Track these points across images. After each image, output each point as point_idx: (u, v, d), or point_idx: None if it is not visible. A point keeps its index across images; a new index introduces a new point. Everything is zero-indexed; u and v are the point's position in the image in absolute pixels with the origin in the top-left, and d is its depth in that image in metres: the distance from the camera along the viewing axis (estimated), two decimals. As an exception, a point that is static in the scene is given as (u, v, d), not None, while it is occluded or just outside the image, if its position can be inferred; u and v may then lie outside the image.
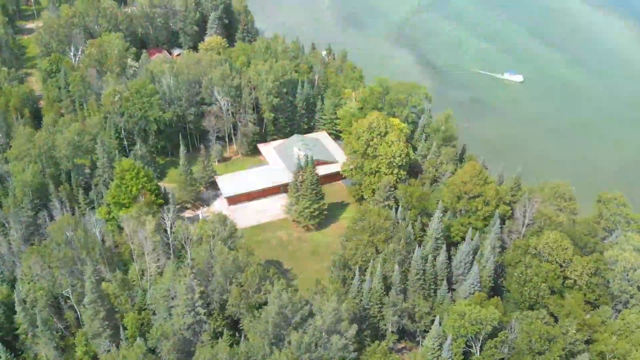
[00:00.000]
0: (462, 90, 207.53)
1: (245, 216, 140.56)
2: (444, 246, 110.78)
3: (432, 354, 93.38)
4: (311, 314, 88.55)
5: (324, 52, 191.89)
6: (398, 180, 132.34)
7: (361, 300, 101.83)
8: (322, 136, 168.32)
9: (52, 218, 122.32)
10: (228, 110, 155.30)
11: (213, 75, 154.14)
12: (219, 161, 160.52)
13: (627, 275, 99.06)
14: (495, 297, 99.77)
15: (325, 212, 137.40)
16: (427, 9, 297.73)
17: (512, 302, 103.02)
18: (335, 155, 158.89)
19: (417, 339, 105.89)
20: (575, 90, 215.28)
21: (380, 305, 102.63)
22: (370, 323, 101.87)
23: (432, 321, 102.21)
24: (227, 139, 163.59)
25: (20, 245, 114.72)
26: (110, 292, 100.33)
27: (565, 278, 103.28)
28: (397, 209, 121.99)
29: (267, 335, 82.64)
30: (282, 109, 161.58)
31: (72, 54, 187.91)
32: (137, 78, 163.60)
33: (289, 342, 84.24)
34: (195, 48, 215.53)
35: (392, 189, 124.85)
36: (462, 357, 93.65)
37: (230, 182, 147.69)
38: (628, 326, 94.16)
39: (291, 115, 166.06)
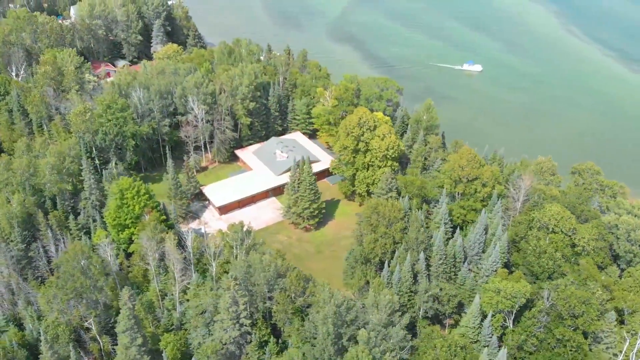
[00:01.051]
0: (423, 82, 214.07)
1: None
2: (458, 229, 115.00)
3: (473, 332, 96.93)
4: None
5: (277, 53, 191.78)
6: (392, 171, 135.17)
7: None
8: (297, 136, 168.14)
9: (44, 249, 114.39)
10: (203, 118, 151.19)
11: (186, 83, 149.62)
12: (197, 171, 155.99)
13: (629, 236, 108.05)
14: (517, 271, 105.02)
15: (324, 211, 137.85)
16: (360, 5, 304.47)
17: (528, 275, 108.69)
18: (316, 155, 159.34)
19: (444, 322, 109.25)
20: (521, 76, 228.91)
21: (409, 294, 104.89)
22: (402, 312, 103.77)
23: (460, 303, 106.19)
24: (202, 148, 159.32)
25: (19, 282, 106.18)
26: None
27: (574, 245, 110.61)
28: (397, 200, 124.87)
29: (329, 335, 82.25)
30: (258, 112, 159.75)
31: (13, 74, 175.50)
32: (99, 93, 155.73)
33: (349, 340, 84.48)
34: (140, 58, 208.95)
35: (394, 180, 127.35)
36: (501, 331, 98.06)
37: (218, 192, 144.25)
38: (637, 281, 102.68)
39: (265, 118, 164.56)
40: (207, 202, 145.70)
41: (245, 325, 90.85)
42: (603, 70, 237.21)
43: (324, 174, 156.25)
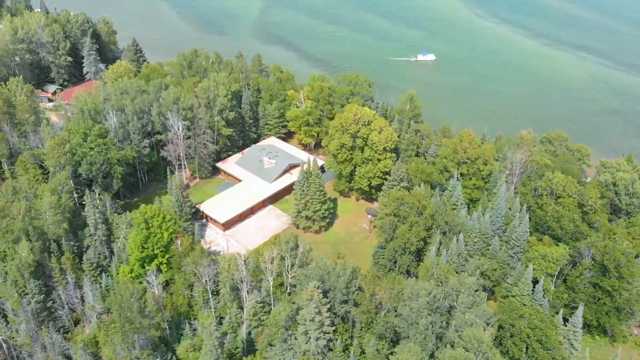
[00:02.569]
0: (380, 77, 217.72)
1: (250, 237, 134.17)
2: (479, 207, 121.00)
3: (528, 298, 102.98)
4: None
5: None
6: (393, 162, 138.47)
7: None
8: (273, 141, 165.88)
9: (59, 297, 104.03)
10: (184, 134, 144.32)
11: (163, 100, 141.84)
12: (186, 188, 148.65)
13: (628, 190, 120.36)
14: (545, 237, 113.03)
15: (332, 211, 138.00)
16: (276, 6, 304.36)
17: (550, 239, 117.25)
18: (299, 157, 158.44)
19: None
20: (455, 61, 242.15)
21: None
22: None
23: (504, 273, 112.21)
24: (183, 165, 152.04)
25: (53, 334, 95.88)
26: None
27: (581, 206, 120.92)
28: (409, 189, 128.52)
29: (431, 327, 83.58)
30: (235, 122, 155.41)
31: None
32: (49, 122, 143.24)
33: (441, 327, 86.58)
34: (70, 81, 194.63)
35: (404, 170, 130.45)
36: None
37: (216, 208, 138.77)
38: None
39: (241, 127, 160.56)
40: (204, 220, 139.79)
41: (329, 333, 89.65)
42: (518, 46, 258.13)
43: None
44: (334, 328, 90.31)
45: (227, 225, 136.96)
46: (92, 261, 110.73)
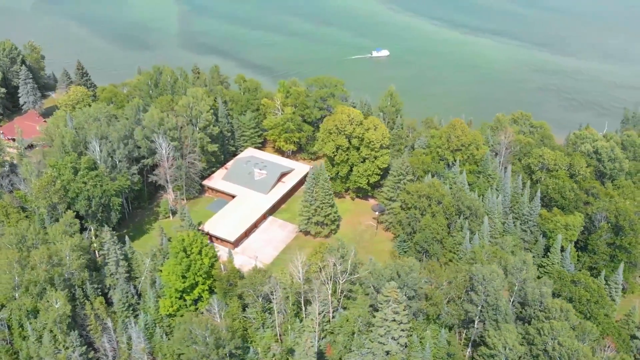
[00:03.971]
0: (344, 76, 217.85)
1: (260, 251, 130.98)
2: (476, 189, 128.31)
3: (559, 265, 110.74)
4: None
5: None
6: (390, 157, 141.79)
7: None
8: (252, 152, 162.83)
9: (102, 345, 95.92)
10: (172, 155, 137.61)
11: (147, 123, 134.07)
12: (173, 212, 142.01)
13: (610, 156, 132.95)
14: (555, 208, 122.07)
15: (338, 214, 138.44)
16: (194, 15, 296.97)
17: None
18: (285, 164, 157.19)
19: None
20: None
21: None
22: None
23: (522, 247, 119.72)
24: (168, 188, 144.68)
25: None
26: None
27: (572, 176, 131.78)
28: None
29: (508, 305, 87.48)
30: (217, 137, 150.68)
31: None
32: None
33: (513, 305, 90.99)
34: (4, 114, 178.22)
35: (407, 164, 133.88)
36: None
37: (221, 227, 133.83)
38: (629, 188, 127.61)
39: (221, 141, 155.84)
40: (209, 240, 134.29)
41: (406, 330, 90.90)
42: (441, 37, 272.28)
43: (302, 180, 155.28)
44: (410, 325, 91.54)
45: (236, 243, 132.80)
46: (123, 301, 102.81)
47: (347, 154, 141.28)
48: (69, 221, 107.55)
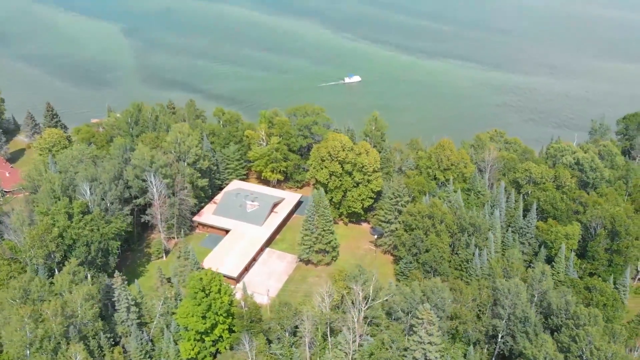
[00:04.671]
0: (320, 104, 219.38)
1: (264, 284, 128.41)
2: (485, 205, 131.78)
3: (563, 272, 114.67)
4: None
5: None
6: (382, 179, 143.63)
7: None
8: (238, 184, 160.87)
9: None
10: (164, 193, 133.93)
11: (137, 161, 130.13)
12: (166, 252, 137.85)
13: (591, 166, 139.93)
14: (549, 219, 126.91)
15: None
16: (147, 49, 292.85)
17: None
18: (274, 194, 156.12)
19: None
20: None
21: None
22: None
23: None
24: (160, 227, 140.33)
25: None
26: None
27: (559, 187, 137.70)
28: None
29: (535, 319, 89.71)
30: (206, 171, 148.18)
31: None
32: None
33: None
34: None
35: (404, 185, 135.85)
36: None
37: (221, 263, 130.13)
38: (612, 195, 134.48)
39: (209, 175, 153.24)
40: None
41: (440, 350, 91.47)
42: (400, 62, 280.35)
43: (293, 209, 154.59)
44: (443, 345, 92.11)
45: (239, 278, 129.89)
46: (140, 349, 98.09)
47: (340, 180, 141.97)
48: (74, 269, 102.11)
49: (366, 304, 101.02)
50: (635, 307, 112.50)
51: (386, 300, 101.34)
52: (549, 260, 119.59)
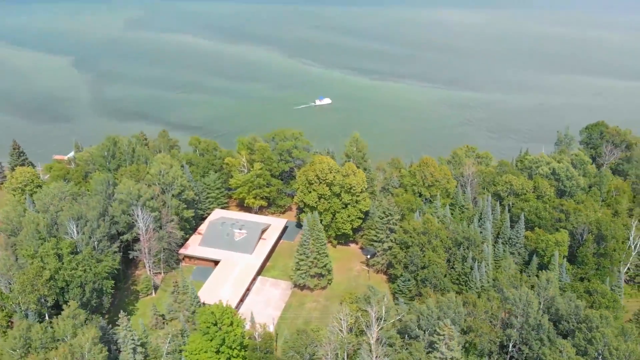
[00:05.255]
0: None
1: (262, 313, 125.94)
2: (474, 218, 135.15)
3: (557, 278, 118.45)
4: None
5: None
6: (370, 199, 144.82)
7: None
8: (221, 213, 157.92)
9: None
10: (152, 227, 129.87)
11: (123, 196, 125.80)
12: (155, 288, 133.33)
13: (567, 175, 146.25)
14: (536, 228, 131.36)
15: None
16: (102, 82, 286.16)
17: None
18: (260, 220, 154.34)
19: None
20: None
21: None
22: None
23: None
24: (147, 263, 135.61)
25: None
26: None
27: (539, 197, 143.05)
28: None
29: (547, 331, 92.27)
30: (191, 202, 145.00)
31: None
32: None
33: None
34: None
35: (394, 204, 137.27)
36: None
37: (216, 295, 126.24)
38: (589, 201, 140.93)
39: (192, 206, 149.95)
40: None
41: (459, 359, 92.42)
42: (360, 84, 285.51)
43: (280, 235, 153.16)
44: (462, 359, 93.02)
45: (236, 310, 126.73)
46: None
47: (329, 202, 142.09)
48: (74, 312, 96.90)
49: (379, 325, 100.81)
50: (630, 307, 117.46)
51: (399, 319, 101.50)
52: (541, 268, 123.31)
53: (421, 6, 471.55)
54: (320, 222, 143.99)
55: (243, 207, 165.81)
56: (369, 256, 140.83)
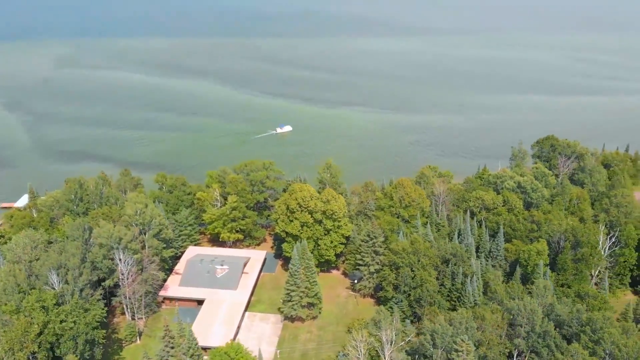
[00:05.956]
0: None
1: (262, 350, 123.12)
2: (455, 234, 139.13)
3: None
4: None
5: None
6: (352, 224, 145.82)
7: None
8: (195, 250, 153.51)
9: None
10: (134, 270, 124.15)
11: (103, 240, 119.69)
12: (139, 334, 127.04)
13: (532, 188, 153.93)
14: (515, 240, 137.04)
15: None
16: (42, 123, 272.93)
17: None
18: (238, 254, 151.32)
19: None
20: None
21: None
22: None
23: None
24: (127, 308, 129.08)
25: None
26: None
27: (510, 210, 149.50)
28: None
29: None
30: (169, 241, 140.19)
31: None
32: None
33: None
34: None
35: (378, 227, 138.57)
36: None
37: (209, 335, 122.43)
38: (555, 210, 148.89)
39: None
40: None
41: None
42: (306, 112, 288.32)
43: (261, 267, 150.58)
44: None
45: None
46: None
47: (311, 230, 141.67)
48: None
49: (389, 348, 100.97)
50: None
51: (408, 340, 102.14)
52: (525, 278, 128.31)
53: (351, 36, 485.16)
54: (294, 250, 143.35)
55: (216, 242, 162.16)
56: (355, 281, 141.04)
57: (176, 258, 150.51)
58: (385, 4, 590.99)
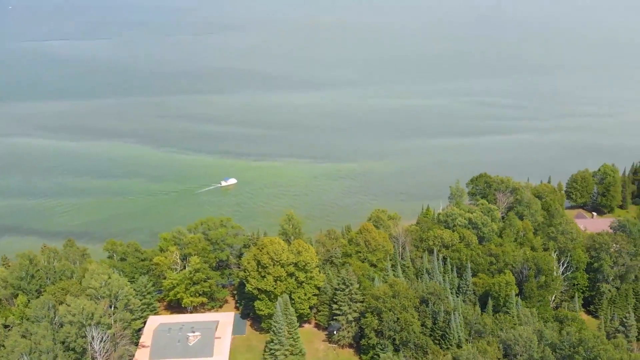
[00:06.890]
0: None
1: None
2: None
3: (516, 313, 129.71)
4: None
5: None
6: (324, 273, 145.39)
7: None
8: (156, 320, 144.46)
9: None
10: (106, 348, 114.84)
11: (74, 317, 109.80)
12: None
13: (483, 223, 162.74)
14: (480, 274, 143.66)
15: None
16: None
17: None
18: (204, 319, 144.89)
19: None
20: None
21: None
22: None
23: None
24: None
25: None
26: None
27: (467, 245, 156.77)
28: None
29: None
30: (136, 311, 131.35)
31: None
32: None
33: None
34: None
35: (352, 274, 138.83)
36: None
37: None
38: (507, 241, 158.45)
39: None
40: None
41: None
42: (238, 166, 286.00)
43: (232, 330, 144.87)
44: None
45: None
46: None
47: (285, 284, 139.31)
48: None
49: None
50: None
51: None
52: (496, 309, 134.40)
53: (258, 92, 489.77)
54: (277, 307, 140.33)
55: (174, 308, 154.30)
56: (335, 332, 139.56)
57: (138, 330, 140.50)
58: (261, 59, 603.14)
